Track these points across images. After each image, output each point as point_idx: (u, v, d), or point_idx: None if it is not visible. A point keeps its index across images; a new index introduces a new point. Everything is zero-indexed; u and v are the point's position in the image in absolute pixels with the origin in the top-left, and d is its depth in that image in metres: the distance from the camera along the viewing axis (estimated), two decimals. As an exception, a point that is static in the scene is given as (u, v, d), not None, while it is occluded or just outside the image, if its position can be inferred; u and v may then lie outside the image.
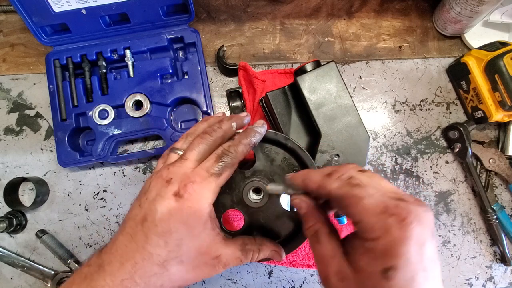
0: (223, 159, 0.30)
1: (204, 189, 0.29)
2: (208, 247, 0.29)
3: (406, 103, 0.53)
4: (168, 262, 0.28)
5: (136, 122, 0.47)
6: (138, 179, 0.49)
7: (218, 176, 0.30)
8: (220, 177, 0.30)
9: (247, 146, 0.32)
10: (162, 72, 0.47)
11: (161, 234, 0.28)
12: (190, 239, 0.29)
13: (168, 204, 0.28)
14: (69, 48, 0.48)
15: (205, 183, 0.29)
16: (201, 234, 0.29)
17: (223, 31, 0.52)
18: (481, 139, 0.51)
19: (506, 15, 0.49)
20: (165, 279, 0.29)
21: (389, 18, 0.54)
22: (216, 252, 0.30)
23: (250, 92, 0.49)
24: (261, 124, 0.35)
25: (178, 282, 0.29)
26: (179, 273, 0.29)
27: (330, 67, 0.42)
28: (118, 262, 0.28)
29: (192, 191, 0.29)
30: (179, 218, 0.28)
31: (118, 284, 0.28)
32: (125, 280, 0.28)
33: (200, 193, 0.29)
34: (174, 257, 0.28)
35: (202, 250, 0.29)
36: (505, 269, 0.52)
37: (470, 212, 0.52)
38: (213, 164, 0.30)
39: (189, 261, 0.29)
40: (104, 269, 0.28)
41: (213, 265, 0.30)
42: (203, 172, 0.29)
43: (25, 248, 0.48)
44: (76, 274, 0.29)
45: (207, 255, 0.30)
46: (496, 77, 0.45)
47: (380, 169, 0.51)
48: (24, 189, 0.49)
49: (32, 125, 0.50)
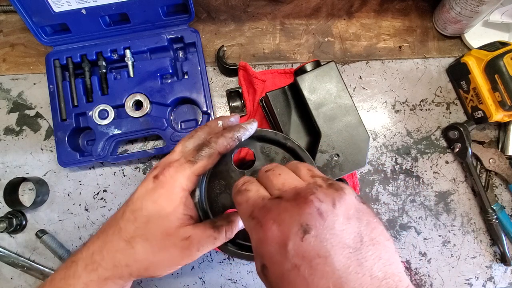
0: (202, 149, 0.32)
1: (179, 173, 0.31)
2: (176, 229, 0.30)
3: (406, 103, 0.53)
4: (134, 238, 0.30)
5: (136, 122, 0.47)
6: (138, 179, 0.49)
7: (193, 163, 0.31)
8: (195, 164, 0.31)
9: (229, 140, 0.32)
10: (162, 72, 0.47)
11: (133, 211, 0.30)
12: (157, 218, 0.30)
13: (147, 185, 0.31)
14: (69, 48, 0.48)
15: (180, 168, 0.31)
16: (170, 216, 0.30)
17: (223, 31, 0.52)
18: (481, 139, 0.51)
19: (506, 15, 0.49)
20: (130, 258, 0.30)
21: (389, 18, 0.54)
22: (185, 234, 0.30)
23: (250, 92, 0.50)
24: (250, 122, 0.35)
25: (144, 262, 0.30)
26: (145, 253, 0.30)
27: (330, 67, 0.42)
28: (96, 236, 0.32)
29: (168, 174, 0.31)
30: (151, 196, 0.30)
31: (89, 256, 0.31)
32: (95, 253, 0.31)
33: (174, 177, 0.30)
34: (141, 234, 0.30)
35: (170, 232, 0.30)
36: (505, 269, 0.52)
37: (470, 212, 0.52)
38: (191, 152, 0.32)
39: (155, 241, 0.30)
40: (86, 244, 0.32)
41: (184, 247, 0.30)
42: (181, 159, 0.31)
43: (25, 248, 0.48)
44: None
45: (175, 236, 0.30)
46: (496, 77, 0.45)
47: (380, 169, 0.51)
48: (24, 189, 0.49)
49: (32, 125, 0.50)
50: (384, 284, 0.19)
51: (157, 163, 0.33)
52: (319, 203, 0.21)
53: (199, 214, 0.34)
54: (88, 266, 0.31)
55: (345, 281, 0.19)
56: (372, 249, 0.20)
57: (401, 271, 0.21)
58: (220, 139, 0.32)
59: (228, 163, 0.36)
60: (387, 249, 0.21)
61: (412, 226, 0.51)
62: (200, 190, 0.34)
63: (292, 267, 0.20)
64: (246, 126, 0.34)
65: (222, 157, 0.36)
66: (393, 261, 0.21)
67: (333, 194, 0.22)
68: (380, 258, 0.20)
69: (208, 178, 0.35)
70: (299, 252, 0.20)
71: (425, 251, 0.51)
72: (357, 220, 0.21)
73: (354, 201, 0.22)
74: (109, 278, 0.30)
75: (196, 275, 0.48)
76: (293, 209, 0.21)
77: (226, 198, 0.35)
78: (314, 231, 0.20)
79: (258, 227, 0.22)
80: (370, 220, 0.22)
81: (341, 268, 0.19)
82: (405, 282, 0.20)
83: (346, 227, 0.21)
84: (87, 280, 0.30)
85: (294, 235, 0.20)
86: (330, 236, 0.20)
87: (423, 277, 0.51)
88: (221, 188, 0.36)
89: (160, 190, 0.30)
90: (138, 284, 0.48)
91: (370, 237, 0.21)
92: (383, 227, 0.22)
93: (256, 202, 0.24)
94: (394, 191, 0.51)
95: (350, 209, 0.22)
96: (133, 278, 0.31)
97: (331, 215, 0.21)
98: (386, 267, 0.20)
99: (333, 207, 0.21)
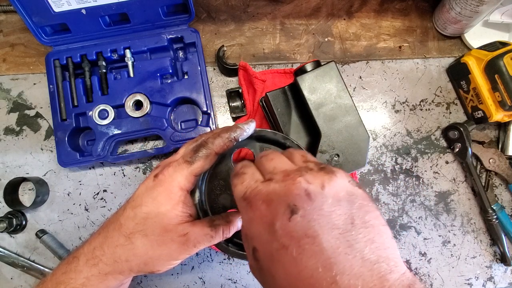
0: (199, 149, 0.32)
1: (177, 173, 0.32)
2: (174, 226, 0.31)
3: (406, 103, 0.53)
4: (133, 234, 0.31)
5: (136, 122, 0.47)
6: (138, 179, 0.49)
7: (190, 164, 0.32)
8: (193, 165, 0.32)
9: (226, 140, 0.33)
10: (162, 72, 0.47)
11: (133, 207, 0.32)
12: (156, 215, 0.31)
13: (148, 183, 0.32)
14: (69, 48, 0.48)
15: (178, 168, 0.32)
16: (168, 213, 0.31)
17: (223, 31, 0.52)
18: (481, 139, 0.51)
19: (506, 15, 0.49)
20: (129, 253, 0.31)
21: (389, 18, 0.54)
22: (183, 231, 0.31)
23: (250, 92, 0.49)
24: (247, 122, 0.35)
25: (143, 257, 0.31)
26: (144, 247, 0.31)
27: (330, 67, 0.42)
28: (97, 232, 0.33)
29: (167, 173, 0.32)
30: (150, 194, 0.32)
31: (90, 251, 0.32)
32: (96, 248, 0.32)
33: (172, 176, 0.32)
34: (140, 230, 0.31)
35: (169, 228, 0.31)
36: (505, 269, 0.52)
37: (470, 212, 0.52)
38: (189, 153, 0.33)
39: (154, 236, 0.31)
40: (88, 240, 0.33)
41: (181, 242, 0.31)
42: (180, 159, 0.32)
43: (25, 248, 0.48)
44: None
45: (174, 232, 0.31)
46: (496, 77, 0.45)
47: (380, 169, 0.51)
48: (24, 189, 0.49)
49: (32, 125, 0.50)
50: (377, 267, 0.19)
51: (159, 162, 0.34)
52: (307, 185, 0.21)
53: (200, 215, 0.34)
54: (89, 261, 0.31)
55: (334, 262, 0.19)
56: (364, 232, 0.20)
57: (397, 256, 0.20)
58: (217, 140, 0.33)
59: (228, 164, 0.36)
60: (381, 233, 0.21)
61: (412, 226, 0.51)
62: (200, 191, 0.34)
63: (281, 246, 0.20)
64: (243, 126, 0.34)
65: (222, 158, 0.36)
66: (389, 246, 0.20)
67: (322, 177, 0.22)
68: (373, 242, 0.20)
69: (208, 179, 0.35)
70: (286, 231, 0.20)
71: (425, 251, 0.51)
72: (348, 202, 0.21)
73: (347, 184, 0.22)
74: (110, 273, 0.31)
75: (196, 275, 0.48)
76: (281, 190, 0.22)
77: (226, 198, 0.35)
78: (301, 211, 0.20)
79: (248, 207, 0.23)
80: (364, 204, 0.21)
81: (330, 249, 0.19)
82: (401, 268, 0.19)
83: (336, 208, 0.20)
84: (88, 275, 0.31)
85: (282, 214, 0.21)
86: (318, 217, 0.20)
87: (423, 277, 0.51)
88: (221, 189, 0.36)
89: (159, 188, 0.31)
90: (138, 284, 0.48)
91: (362, 220, 0.20)
92: (379, 213, 0.22)
93: (250, 184, 0.24)
94: (394, 191, 0.51)
95: (341, 192, 0.21)
96: (133, 273, 0.32)
97: (319, 196, 0.21)
98: (380, 251, 0.19)
99: (322, 189, 0.21)
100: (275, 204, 0.21)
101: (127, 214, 0.31)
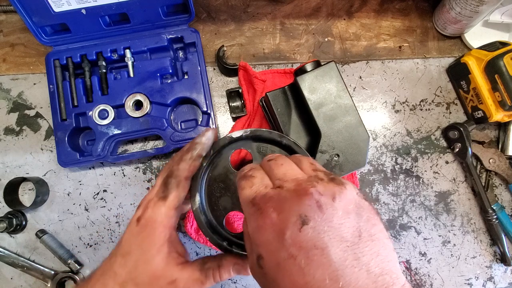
0: (167, 181, 0.32)
1: (156, 214, 0.30)
2: (162, 271, 0.30)
3: (406, 103, 0.53)
4: (126, 283, 0.30)
5: (136, 122, 0.47)
6: (138, 179, 0.49)
7: (164, 199, 0.31)
8: (168, 199, 0.31)
9: (189, 161, 0.32)
10: (162, 72, 0.47)
11: (123, 255, 0.30)
12: (144, 262, 0.30)
13: (132, 228, 0.31)
14: (69, 48, 0.48)
15: (155, 208, 0.31)
16: (154, 258, 0.30)
17: (223, 31, 0.52)
18: (481, 139, 0.51)
19: (506, 15, 0.49)
20: None
21: (389, 18, 0.54)
22: (171, 277, 0.30)
23: (250, 92, 0.49)
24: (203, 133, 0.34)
25: None
26: None
27: (330, 67, 0.42)
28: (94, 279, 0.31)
29: (148, 216, 0.31)
30: (135, 240, 0.30)
31: None
32: None
33: (153, 218, 0.30)
34: (132, 279, 0.30)
35: (157, 274, 0.30)
36: (505, 269, 0.52)
37: (470, 212, 0.52)
38: (159, 188, 0.32)
39: (144, 285, 0.30)
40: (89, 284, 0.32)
41: None
42: (155, 198, 0.31)
43: (25, 248, 0.48)
44: None
45: (162, 279, 0.30)
46: (496, 77, 0.45)
47: (380, 169, 0.51)
48: (24, 189, 0.49)
49: (32, 125, 0.50)
50: (381, 280, 0.19)
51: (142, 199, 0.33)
52: (319, 196, 0.21)
53: (201, 219, 0.34)
54: None
55: (341, 274, 0.19)
56: (371, 245, 0.20)
57: (398, 269, 0.21)
58: (181, 165, 0.32)
59: (226, 166, 0.36)
60: (386, 246, 0.21)
61: (412, 226, 0.51)
62: (200, 195, 0.34)
63: (289, 256, 0.20)
64: (201, 140, 0.34)
65: (220, 161, 0.36)
66: (391, 259, 0.21)
67: (333, 188, 0.22)
68: (378, 254, 0.20)
69: (207, 183, 0.35)
70: (296, 241, 0.20)
71: (425, 251, 0.51)
72: (356, 215, 0.21)
73: (355, 197, 0.22)
74: None
75: (196, 275, 0.48)
76: (293, 200, 0.22)
77: (226, 201, 0.35)
78: (312, 222, 0.20)
79: (258, 214, 0.23)
80: (371, 217, 0.22)
81: (338, 261, 0.19)
82: (401, 280, 0.20)
83: (345, 221, 0.21)
84: None
85: (293, 224, 0.21)
86: (328, 229, 0.20)
87: (423, 277, 0.51)
88: (221, 191, 0.36)
89: (142, 233, 0.31)
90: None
91: (369, 233, 0.21)
92: (383, 226, 0.22)
93: (259, 189, 0.24)
94: (394, 191, 0.51)
95: (350, 204, 0.22)
96: None
97: (330, 208, 0.21)
98: (384, 264, 0.20)
99: (333, 201, 0.21)
100: (286, 213, 0.21)
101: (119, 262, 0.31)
